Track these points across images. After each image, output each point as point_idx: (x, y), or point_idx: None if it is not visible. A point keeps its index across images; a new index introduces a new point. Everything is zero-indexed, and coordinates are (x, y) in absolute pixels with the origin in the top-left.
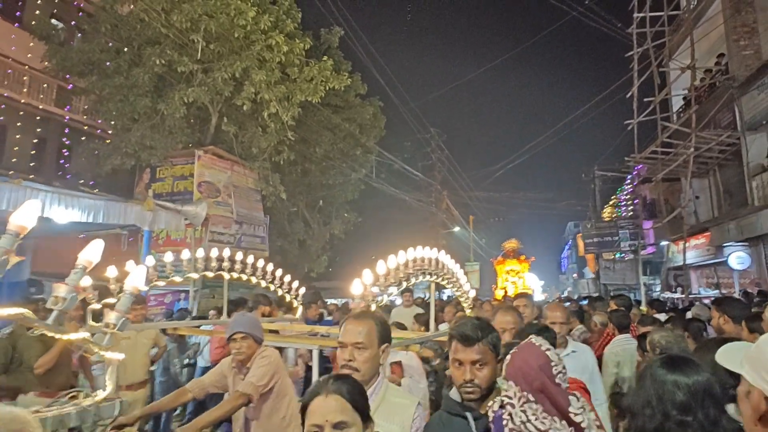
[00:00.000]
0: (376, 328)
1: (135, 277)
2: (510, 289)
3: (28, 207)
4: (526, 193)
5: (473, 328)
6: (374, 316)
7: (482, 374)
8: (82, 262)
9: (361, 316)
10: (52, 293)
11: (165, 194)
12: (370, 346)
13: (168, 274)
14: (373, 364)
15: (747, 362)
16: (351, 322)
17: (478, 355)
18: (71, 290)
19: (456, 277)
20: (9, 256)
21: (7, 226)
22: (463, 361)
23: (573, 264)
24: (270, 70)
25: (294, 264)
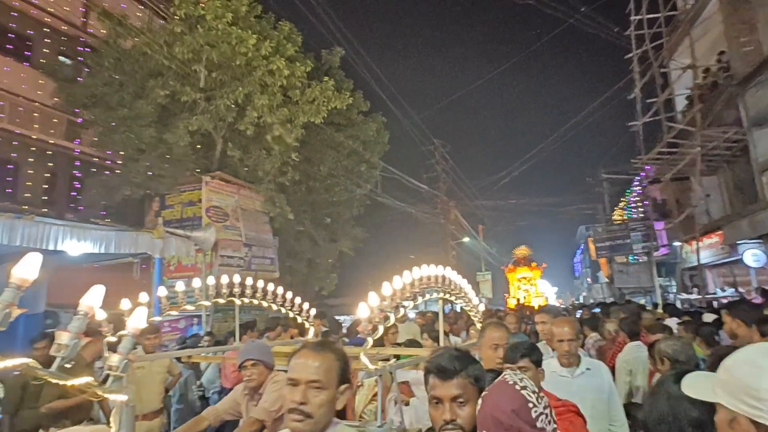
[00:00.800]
0: (336, 365)
1: (136, 318)
2: (522, 297)
3: (29, 260)
4: (533, 199)
5: (450, 359)
6: (334, 349)
7: (464, 413)
8: (84, 308)
9: (320, 347)
10: (55, 341)
11: (174, 221)
12: (328, 386)
13: (180, 302)
14: (330, 408)
15: (720, 389)
16: (306, 354)
17: (458, 389)
18: (74, 337)
19: (464, 291)
20: (11, 309)
21: (9, 279)
22: (442, 398)
23: (586, 268)
24: (272, 94)
25: (304, 283)
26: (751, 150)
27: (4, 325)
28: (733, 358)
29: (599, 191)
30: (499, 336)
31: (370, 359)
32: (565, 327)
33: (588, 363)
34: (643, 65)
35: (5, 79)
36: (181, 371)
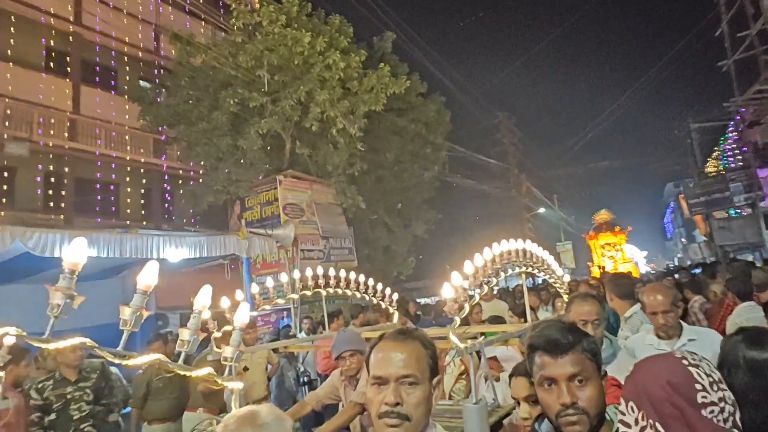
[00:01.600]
0: (425, 353)
1: (241, 314)
2: (608, 264)
3: (150, 268)
4: (613, 161)
5: (560, 330)
6: (420, 335)
7: (586, 394)
8: (198, 307)
9: (403, 335)
10: (179, 337)
11: (255, 221)
12: (422, 380)
13: (271, 297)
14: (427, 407)
15: None
16: (389, 345)
17: (575, 366)
18: (193, 333)
19: (547, 263)
20: (141, 312)
21: (137, 287)
22: (557, 377)
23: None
24: (331, 88)
25: (383, 270)
26: None
27: (137, 326)
28: None
29: (688, 143)
30: (588, 311)
31: (458, 338)
32: (657, 295)
33: (692, 332)
34: None
35: (97, 109)
36: (279, 360)
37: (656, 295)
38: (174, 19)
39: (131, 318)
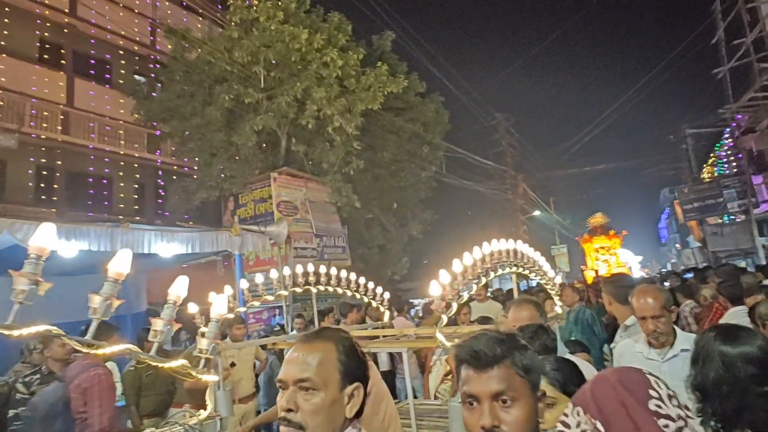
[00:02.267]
0: (336, 357)
1: (218, 306)
2: (602, 268)
3: (121, 256)
4: (608, 165)
5: (489, 341)
6: (335, 336)
7: (511, 416)
8: (173, 298)
9: (312, 337)
10: (151, 327)
11: (249, 218)
12: (323, 387)
13: (261, 293)
14: (331, 417)
15: None
16: (296, 345)
17: (500, 383)
18: (167, 324)
19: (538, 264)
20: (112, 301)
21: (107, 274)
22: (479, 395)
23: (674, 233)
24: (329, 86)
25: (376, 269)
26: None
27: (106, 315)
28: None
29: (683, 149)
30: (524, 317)
31: (447, 337)
32: (648, 298)
33: (687, 341)
34: (725, 3)
35: (91, 102)
36: (267, 356)
37: (646, 298)
38: (170, 13)
39: (101, 306)
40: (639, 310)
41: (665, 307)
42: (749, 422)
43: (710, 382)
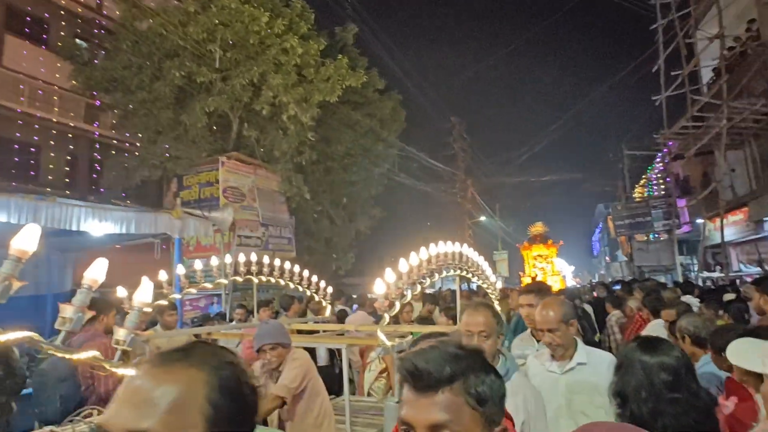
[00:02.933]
0: (202, 395)
1: (141, 294)
2: (539, 275)
3: (28, 231)
4: (552, 177)
5: (440, 356)
6: (213, 361)
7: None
8: (88, 282)
9: (174, 358)
10: (59, 314)
11: (192, 202)
12: None
13: (199, 280)
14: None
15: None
16: (140, 373)
17: (443, 413)
18: (77, 310)
19: (481, 269)
20: (11, 281)
21: (9, 251)
22: (413, 424)
23: (605, 247)
24: (286, 73)
25: (322, 262)
26: None
27: (3, 297)
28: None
29: (620, 168)
30: (476, 321)
31: (387, 336)
32: (547, 311)
33: (585, 355)
34: (667, 36)
35: (23, 63)
36: None
37: (547, 311)
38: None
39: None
40: (538, 322)
41: (563, 320)
42: (662, 426)
43: (631, 387)
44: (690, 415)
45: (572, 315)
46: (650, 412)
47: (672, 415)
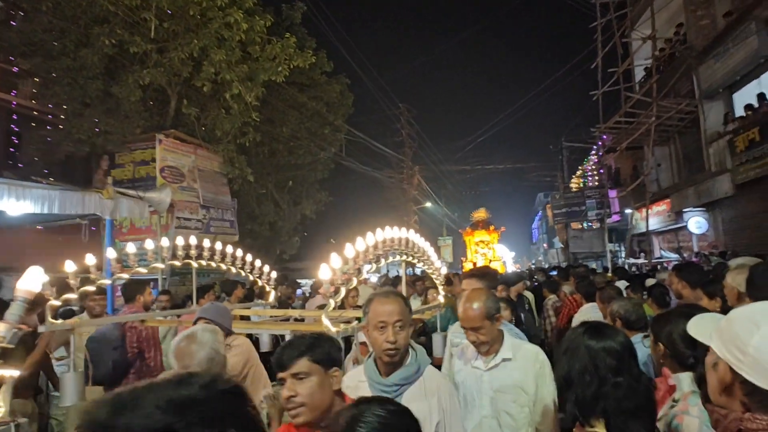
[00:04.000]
0: None
1: (26, 282)
2: (480, 261)
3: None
4: (496, 166)
5: (289, 350)
6: None
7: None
8: (22, 294)
9: None
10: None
11: (126, 181)
12: None
13: (132, 265)
14: None
15: (717, 335)
16: None
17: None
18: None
19: (426, 254)
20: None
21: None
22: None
23: (543, 234)
24: (230, 49)
25: (265, 246)
26: (701, 122)
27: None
28: (739, 311)
29: (559, 159)
30: (390, 310)
31: (332, 321)
32: (471, 309)
33: (510, 350)
34: (606, 35)
35: None
36: None
37: (468, 309)
38: None
39: None
40: (461, 319)
41: (487, 317)
42: (603, 409)
43: (576, 372)
44: (631, 398)
45: (496, 308)
46: (593, 396)
47: (614, 398)
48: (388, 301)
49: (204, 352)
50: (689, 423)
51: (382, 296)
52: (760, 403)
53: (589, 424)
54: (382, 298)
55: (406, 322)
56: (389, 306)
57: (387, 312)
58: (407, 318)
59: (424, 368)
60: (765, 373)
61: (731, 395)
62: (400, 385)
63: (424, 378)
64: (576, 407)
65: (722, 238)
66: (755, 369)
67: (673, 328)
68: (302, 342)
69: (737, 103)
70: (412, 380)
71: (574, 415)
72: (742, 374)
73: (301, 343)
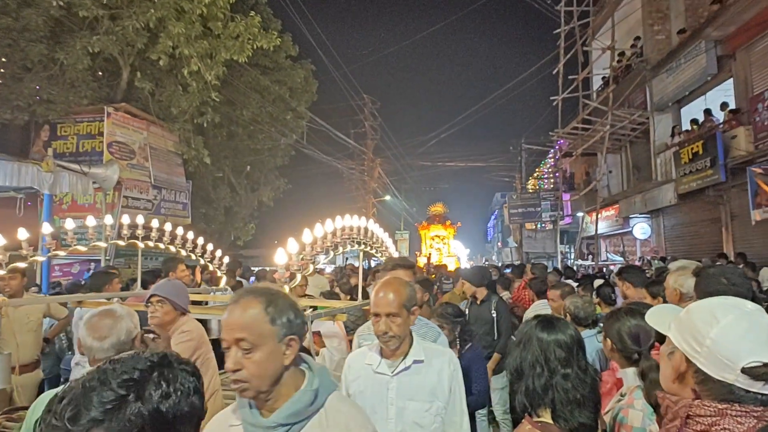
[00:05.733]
0: None
1: None
2: (434, 255)
3: None
4: (457, 163)
5: None
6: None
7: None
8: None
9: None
10: None
11: (68, 154)
12: None
13: (70, 243)
14: None
15: (675, 326)
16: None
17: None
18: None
19: (385, 245)
20: None
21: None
22: None
23: (498, 233)
24: (190, 23)
25: (219, 232)
26: (651, 132)
27: None
28: (698, 305)
29: (518, 160)
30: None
31: None
32: (387, 293)
33: (421, 352)
34: (569, 42)
35: None
36: (69, 315)
37: (386, 292)
38: None
39: None
40: (374, 304)
41: (405, 306)
42: (551, 399)
43: (527, 363)
44: (578, 389)
45: (415, 300)
46: (543, 386)
47: (563, 389)
48: None
49: (119, 326)
50: (633, 416)
51: None
52: (709, 392)
53: (536, 413)
54: None
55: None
56: None
57: None
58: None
59: (324, 397)
60: (719, 364)
61: (683, 383)
62: (287, 425)
63: (326, 410)
64: (526, 397)
65: (663, 245)
66: (710, 360)
67: (621, 326)
68: None
69: (684, 117)
70: (305, 416)
71: (524, 405)
72: (696, 364)
73: None
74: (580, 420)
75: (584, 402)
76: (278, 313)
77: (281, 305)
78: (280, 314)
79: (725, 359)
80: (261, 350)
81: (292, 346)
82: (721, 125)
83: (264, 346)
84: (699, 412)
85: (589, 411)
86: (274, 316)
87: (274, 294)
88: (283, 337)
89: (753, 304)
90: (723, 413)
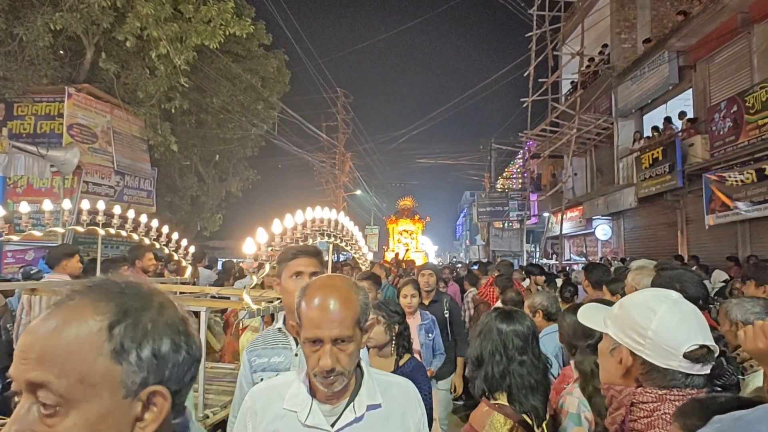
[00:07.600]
0: None
1: None
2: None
3: None
4: (428, 159)
5: None
6: None
7: None
8: None
9: None
10: None
11: (25, 135)
12: None
13: (24, 227)
14: None
15: (612, 323)
16: None
17: None
18: None
19: (355, 239)
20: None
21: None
22: None
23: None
24: (159, 4)
25: (185, 221)
26: (615, 137)
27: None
28: (630, 299)
29: (488, 160)
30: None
31: (254, 300)
32: (335, 305)
33: (376, 391)
34: (539, 45)
35: None
36: (8, 303)
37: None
38: None
39: None
40: (311, 323)
41: (359, 322)
42: (508, 384)
43: (487, 352)
44: (532, 375)
45: (369, 311)
46: (501, 373)
47: (519, 375)
48: None
49: None
50: (570, 402)
51: None
52: (653, 380)
53: (493, 397)
54: None
55: None
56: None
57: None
58: None
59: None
60: (663, 352)
61: (628, 375)
62: None
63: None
64: (485, 383)
65: (623, 246)
66: (654, 350)
67: (564, 322)
68: None
69: (647, 123)
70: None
71: (482, 390)
72: (642, 356)
73: None
74: (533, 403)
75: (537, 387)
76: (135, 337)
77: (146, 322)
78: (141, 340)
79: (668, 347)
80: (81, 413)
81: (157, 405)
82: (679, 133)
83: (89, 405)
84: (642, 399)
85: (541, 395)
86: (123, 342)
87: (140, 297)
88: (138, 386)
89: (676, 293)
90: (663, 399)
